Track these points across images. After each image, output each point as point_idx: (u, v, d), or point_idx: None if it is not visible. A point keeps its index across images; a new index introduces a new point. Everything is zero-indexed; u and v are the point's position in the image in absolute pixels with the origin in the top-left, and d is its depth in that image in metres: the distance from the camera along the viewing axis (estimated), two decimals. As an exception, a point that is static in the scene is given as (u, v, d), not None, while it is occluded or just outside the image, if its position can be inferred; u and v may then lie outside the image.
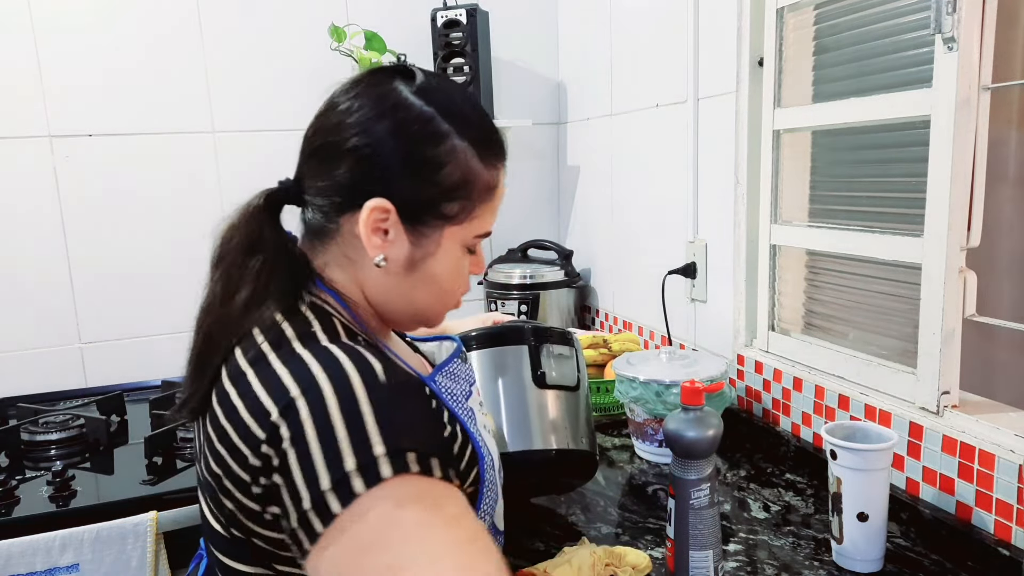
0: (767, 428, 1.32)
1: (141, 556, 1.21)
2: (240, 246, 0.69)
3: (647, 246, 1.75)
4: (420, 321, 0.77)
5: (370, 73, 0.72)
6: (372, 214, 0.67)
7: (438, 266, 0.72)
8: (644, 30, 1.66)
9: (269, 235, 0.70)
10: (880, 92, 1.09)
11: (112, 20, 1.74)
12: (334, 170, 0.68)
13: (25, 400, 1.68)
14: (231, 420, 0.61)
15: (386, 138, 0.67)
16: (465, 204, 0.71)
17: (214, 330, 0.67)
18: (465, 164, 0.70)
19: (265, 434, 0.58)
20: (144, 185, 1.80)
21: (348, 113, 0.68)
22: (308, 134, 0.72)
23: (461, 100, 0.73)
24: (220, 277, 0.69)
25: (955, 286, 0.99)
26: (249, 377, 0.62)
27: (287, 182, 0.73)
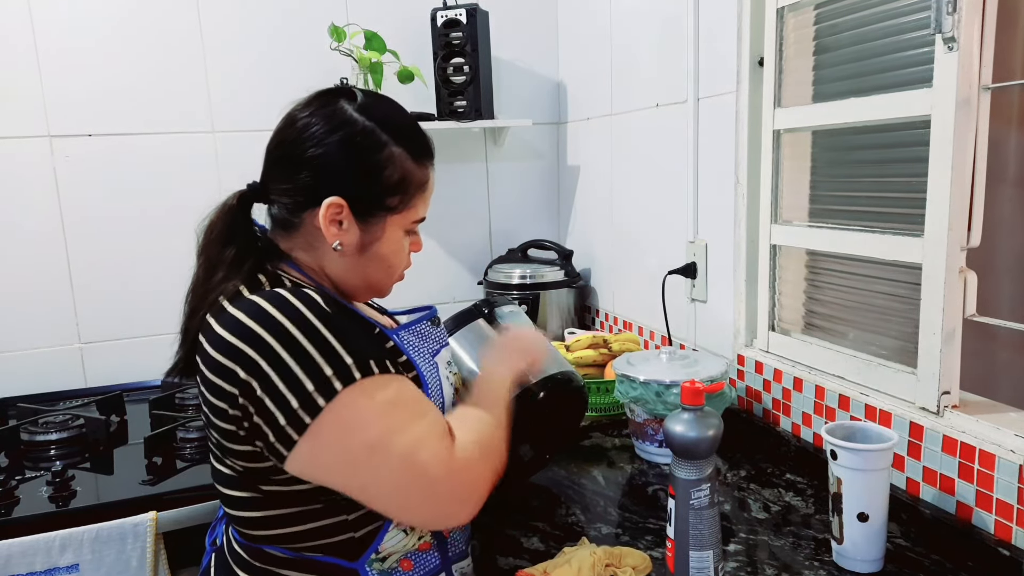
0: (767, 428, 1.32)
1: (141, 556, 1.21)
2: (218, 238, 0.85)
3: (647, 246, 1.75)
4: (372, 292, 0.93)
5: (320, 95, 0.87)
6: (329, 209, 0.83)
7: (384, 248, 0.88)
8: (644, 30, 1.66)
9: (241, 229, 0.86)
10: (880, 92, 1.09)
11: (112, 20, 1.74)
12: (295, 175, 0.84)
13: (25, 400, 1.68)
14: (206, 363, 0.77)
15: (337, 148, 0.83)
16: (403, 197, 0.87)
17: (197, 304, 0.83)
18: (401, 166, 0.86)
19: (239, 365, 0.74)
20: (143, 185, 1.80)
21: (305, 128, 0.84)
22: (271, 146, 0.87)
23: (395, 114, 0.89)
24: (202, 263, 0.85)
25: (955, 286, 0.99)
26: (214, 325, 0.77)
27: (255, 184, 0.88)
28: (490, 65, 1.94)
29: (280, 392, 0.73)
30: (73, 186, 1.76)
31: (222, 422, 0.76)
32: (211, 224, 0.86)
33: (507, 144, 2.13)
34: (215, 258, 0.84)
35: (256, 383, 0.73)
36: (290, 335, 0.74)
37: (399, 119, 0.88)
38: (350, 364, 0.75)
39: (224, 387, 0.74)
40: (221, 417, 0.76)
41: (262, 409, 0.73)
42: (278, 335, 0.74)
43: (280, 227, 0.88)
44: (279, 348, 0.73)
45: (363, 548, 0.82)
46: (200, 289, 0.84)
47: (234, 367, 0.74)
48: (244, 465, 0.78)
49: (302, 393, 0.73)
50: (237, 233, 0.85)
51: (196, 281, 0.85)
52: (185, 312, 0.85)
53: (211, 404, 0.76)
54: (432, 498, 0.76)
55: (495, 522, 1.07)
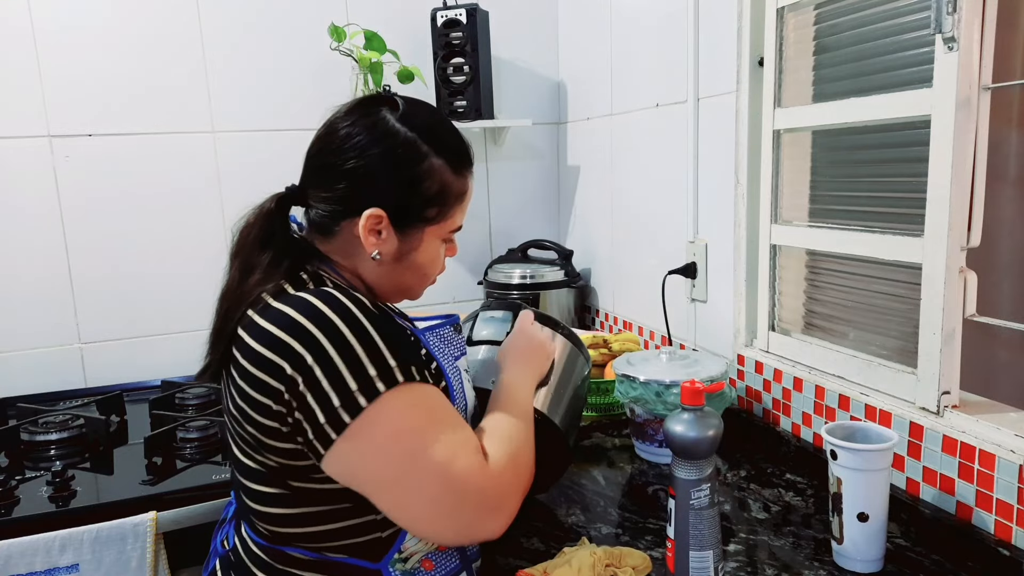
0: (767, 428, 1.32)
1: (141, 556, 1.21)
2: (255, 241, 0.85)
3: (647, 246, 1.75)
4: (404, 296, 0.94)
5: (362, 103, 0.88)
6: (369, 220, 0.84)
7: (421, 257, 0.90)
8: (644, 30, 1.66)
9: (279, 232, 0.86)
10: (880, 92, 1.09)
11: (112, 20, 1.74)
12: (336, 185, 0.85)
13: (25, 400, 1.68)
14: (248, 357, 0.76)
15: (378, 160, 0.84)
16: (442, 209, 0.88)
17: (232, 306, 0.82)
18: (441, 178, 0.87)
19: (285, 359, 0.73)
20: (144, 185, 1.80)
21: (348, 138, 0.84)
22: (312, 152, 0.88)
23: (437, 124, 0.89)
24: (239, 266, 0.85)
25: (955, 286, 0.99)
26: (258, 320, 0.77)
27: (294, 188, 0.89)
28: (490, 65, 1.95)
29: (323, 389, 0.73)
30: (73, 186, 1.76)
31: (264, 418, 0.75)
32: (247, 226, 0.86)
33: (507, 144, 2.13)
34: (251, 261, 0.84)
35: (300, 378, 0.73)
36: (339, 331, 0.74)
37: (441, 129, 0.89)
38: (394, 367, 0.75)
39: (269, 382, 0.74)
40: (263, 412, 0.75)
41: (304, 405, 0.73)
42: (326, 331, 0.74)
43: (318, 231, 0.89)
44: (327, 344, 0.73)
45: (387, 548, 0.82)
46: (235, 291, 0.83)
47: (280, 362, 0.74)
48: (281, 462, 0.77)
49: (345, 392, 0.73)
50: (274, 236, 0.86)
51: (231, 284, 0.85)
52: (219, 314, 0.84)
53: (251, 399, 0.76)
54: (463, 510, 0.75)
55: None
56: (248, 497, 0.83)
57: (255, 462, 0.80)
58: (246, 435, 0.79)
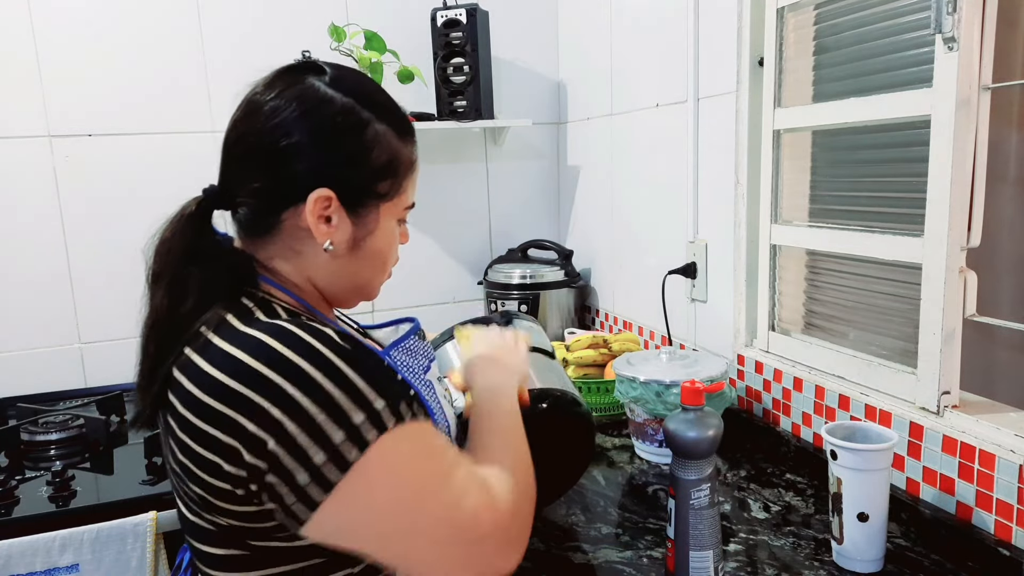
0: (767, 428, 1.32)
1: (141, 556, 1.21)
2: (179, 258, 0.71)
3: (647, 246, 1.75)
4: (362, 296, 0.83)
5: (283, 72, 0.76)
6: (316, 205, 0.72)
7: (378, 242, 0.78)
8: (644, 30, 1.66)
9: (206, 241, 0.74)
10: (880, 92, 1.09)
11: (112, 20, 1.74)
12: (269, 170, 0.72)
13: (25, 400, 1.68)
14: (190, 407, 0.64)
15: (316, 133, 0.72)
16: (394, 181, 0.77)
17: (165, 342, 0.69)
18: (388, 145, 0.76)
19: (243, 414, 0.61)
20: (144, 185, 1.80)
21: (275, 113, 0.72)
22: (231, 140, 0.76)
23: (371, 87, 0.78)
24: (164, 291, 0.71)
25: (955, 286, 0.99)
26: (199, 363, 0.65)
27: (213, 188, 0.76)
28: (490, 65, 1.94)
29: (300, 446, 0.61)
30: (73, 186, 1.76)
31: (212, 478, 0.63)
32: (164, 240, 0.73)
33: (507, 144, 2.13)
34: (180, 281, 0.70)
35: (268, 436, 0.61)
36: (308, 377, 0.62)
37: (377, 93, 0.78)
38: (380, 409, 0.63)
39: (221, 439, 0.62)
40: (211, 472, 0.63)
41: (276, 466, 0.61)
42: (293, 377, 0.61)
43: (252, 233, 0.76)
44: (296, 393, 0.61)
45: None
46: (166, 322, 0.70)
47: (236, 416, 0.61)
48: (236, 524, 0.65)
49: (328, 446, 0.61)
50: (201, 248, 0.72)
51: (159, 313, 0.71)
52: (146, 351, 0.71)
53: (197, 456, 0.64)
54: (479, 550, 0.67)
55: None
56: (199, 559, 0.71)
57: (204, 521, 0.67)
58: (191, 493, 0.67)
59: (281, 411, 0.61)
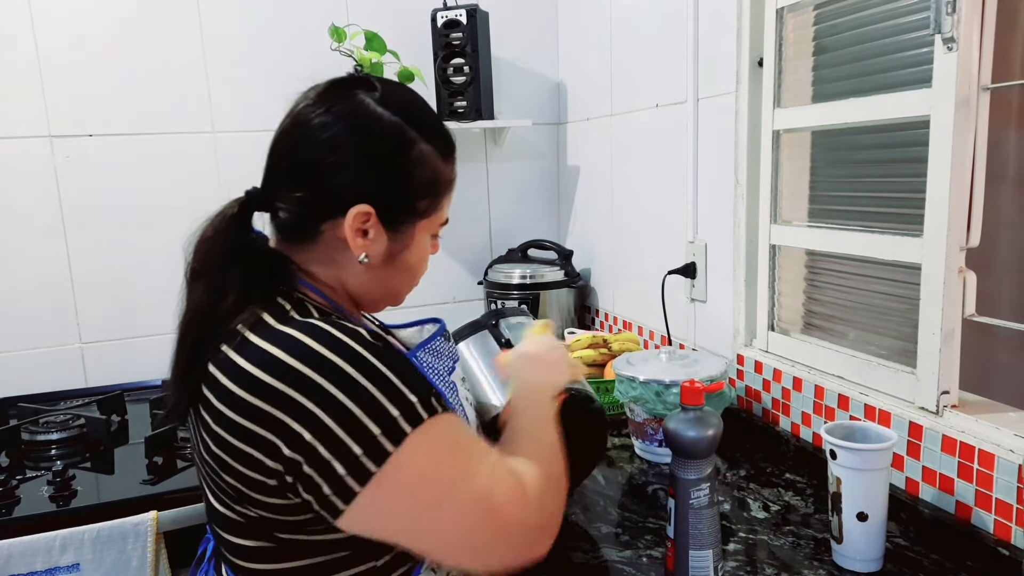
0: (767, 428, 1.32)
1: (141, 556, 1.21)
2: (220, 256, 0.74)
3: (647, 246, 1.75)
4: (390, 303, 0.86)
5: (333, 86, 0.78)
6: (356, 219, 0.74)
7: (412, 256, 0.81)
8: (644, 30, 1.67)
9: (246, 242, 0.76)
10: (879, 92, 1.09)
11: (113, 20, 1.74)
12: (313, 183, 0.74)
13: (25, 400, 1.68)
14: (228, 403, 0.66)
15: (363, 151, 0.74)
16: (433, 200, 0.79)
17: (203, 337, 0.71)
18: (431, 165, 0.78)
19: (282, 410, 0.63)
20: (144, 185, 1.81)
21: (324, 128, 0.74)
22: (279, 148, 0.77)
23: (419, 105, 0.80)
24: (205, 288, 0.73)
25: (955, 286, 0.99)
26: (236, 359, 0.67)
27: (256, 191, 0.78)
28: (490, 65, 1.95)
29: (338, 439, 0.63)
30: (74, 186, 1.76)
31: (248, 469, 0.66)
32: (205, 239, 0.75)
33: (507, 144, 2.13)
34: (220, 279, 0.72)
35: (306, 431, 0.63)
36: (344, 373, 0.64)
37: (424, 111, 0.79)
38: (415, 403, 0.66)
39: (260, 434, 0.64)
40: (249, 465, 0.65)
41: (314, 458, 0.63)
42: (330, 374, 0.64)
43: (291, 238, 0.78)
44: (333, 389, 0.63)
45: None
46: (206, 317, 0.72)
47: (275, 412, 0.63)
48: (267, 515, 0.68)
49: (366, 439, 0.63)
50: (241, 249, 0.75)
51: (198, 308, 0.73)
52: (184, 346, 0.73)
53: (233, 449, 0.66)
54: (510, 538, 0.70)
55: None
56: (226, 549, 0.73)
57: (234, 512, 0.70)
58: (223, 484, 0.69)
59: (318, 405, 0.63)
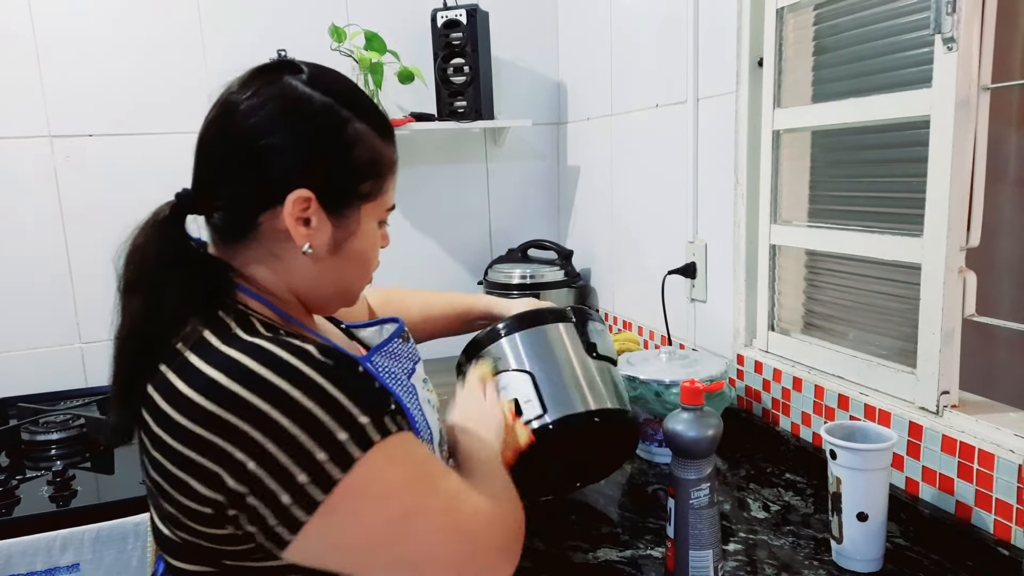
0: (767, 428, 1.32)
1: (141, 556, 1.21)
2: (153, 266, 0.69)
3: (647, 246, 1.75)
4: (343, 301, 0.80)
5: (258, 72, 0.74)
6: (295, 206, 0.69)
7: (360, 244, 0.75)
8: (644, 30, 1.67)
9: (180, 248, 0.71)
10: (879, 92, 1.09)
11: (113, 20, 1.75)
12: (247, 172, 0.70)
13: (25, 400, 1.68)
14: (166, 428, 0.62)
15: (295, 133, 0.70)
16: (376, 182, 0.75)
17: (142, 353, 0.67)
18: (370, 144, 0.74)
19: (225, 439, 0.59)
20: (144, 185, 1.80)
21: (252, 113, 0.70)
22: (206, 140, 0.73)
23: (350, 86, 0.76)
24: (140, 301, 0.68)
25: (955, 286, 0.99)
26: (176, 383, 0.63)
27: (187, 192, 0.74)
28: (490, 65, 1.95)
29: (282, 467, 0.59)
30: (74, 186, 1.76)
31: (187, 499, 0.62)
32: (137, 247, 0.70)
33: (507, 144, 2.13)
34: (155, 290, 0.68)
35: (250, 459, 0.59)
36: (289, 398, 0.60)
37: (356, 92, 0.76)
38: (365, 424, 0.62)
39: (200, 462, 0.60)
40: (184, 492, 0.62)
41: (258, 489, 0.59)
42: (273, 399, 0.60)
43: (228, 237, 0.73)
44: (277, 415, 0.59)
45: None
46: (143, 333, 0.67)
47: (218, 441, 0.59)
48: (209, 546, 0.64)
49: (311, 466, 0.59)
50: (175, 255, 0.70)
51: (134, 323, 0.68)
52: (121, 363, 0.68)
53: (170, 475, 0.62)
54: (479, 555, 0.67)
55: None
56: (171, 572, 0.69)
57: (177, 537, 0.66)
58: (164, 509, 0.65)
59: (262, 433, 0.59)
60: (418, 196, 2.08)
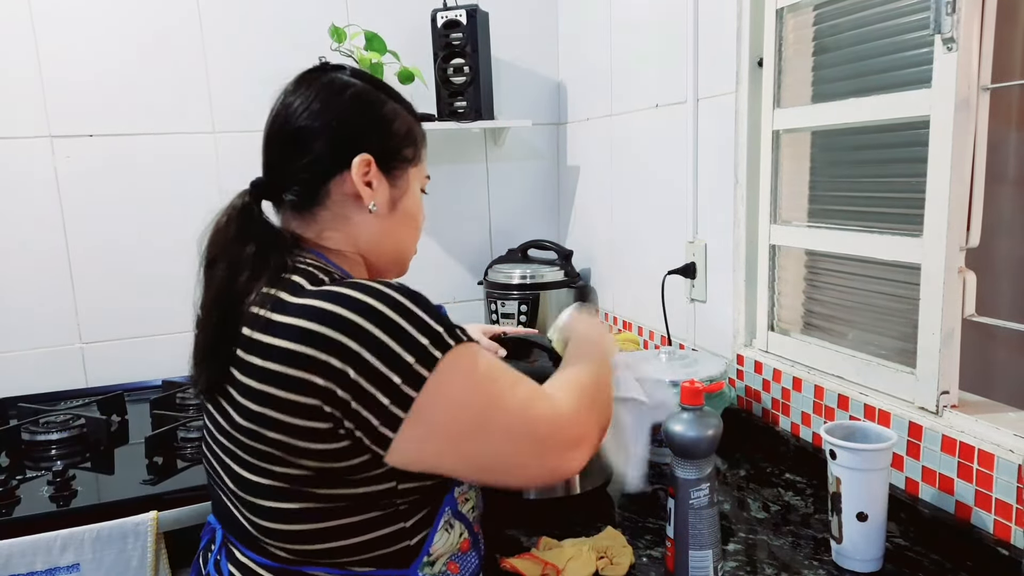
0: (767, 428, 1.32)
1: (141, 556, 1.21)
2: (235, 240, 0.80)
3: (647, 246, 1.75)
4: (399, 264, 0.94)
5: (306, 74, 0.88)
6: (359, 167, 0.84)
7: (410, 204, 0.90)
8: (644, 30, 1.67)
9: (258, 224, 0.83)
10: (879, 92, 1.09)
11: (113, 20, 1.75)
12: (312, 147, 0.83)
13: (25, 400, 1.68)
14: (273, 357, 0.71)
15: (348, 109, 0.85)
16: (415, 149, 0.90)
17: (227, 311, 0.77)
18: (404, 119, 0.89)
19: (329, 353, 0.69)
20: (144, 185, 1.81)
21: (308, 103, 0.84)
22: (273, 131, 0.86)
23: (379, 79, 0.92)
24: (224, 268, 0.79)
25: (954, 286, 0.99)
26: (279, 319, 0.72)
27: (260, 180, 0.86)
28: (490, 66, 1.95)
29: (379, 372, 0.69)
30: (74, 186, 1.76)
31: (298, 418, 0.70)
32: (219, 228, 0.82)
33: (507, 144, 2.13)
34: (236, 261, 0.79)
35: (351, 368, 0.69)
36: (379, 312, 0.71)
37: (385, 84, 0.92)
38: (442, 331, 0.73)
39: (313, 380, 0.69)
40: (297, 412, 0.70)
41: (360, 394, 0.69)
42: (365, 314, 0.70)
43: (302, 209, 0.85)
44: (370, 327, 0.69)
45: (415, 555, 0.79)
46: (227, 294, 0.77)
47: (322, 356, 0.69)
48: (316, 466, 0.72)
49: (403, 368, 0.69)
50: (253, 229, 0.82)
51: (219, 287, 0.79)
52: (210, 323, 0.78)
53: (279, 400, 0.70)
54: (546, 450, 0.76)
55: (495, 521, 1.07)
56: (260, 517, 0.76)
57: (273, 477, 0.73)
58: (265, 448, 0.72)
59: (358, 343, 0.69)
60: (418, 196, 2.08)
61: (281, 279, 0.77)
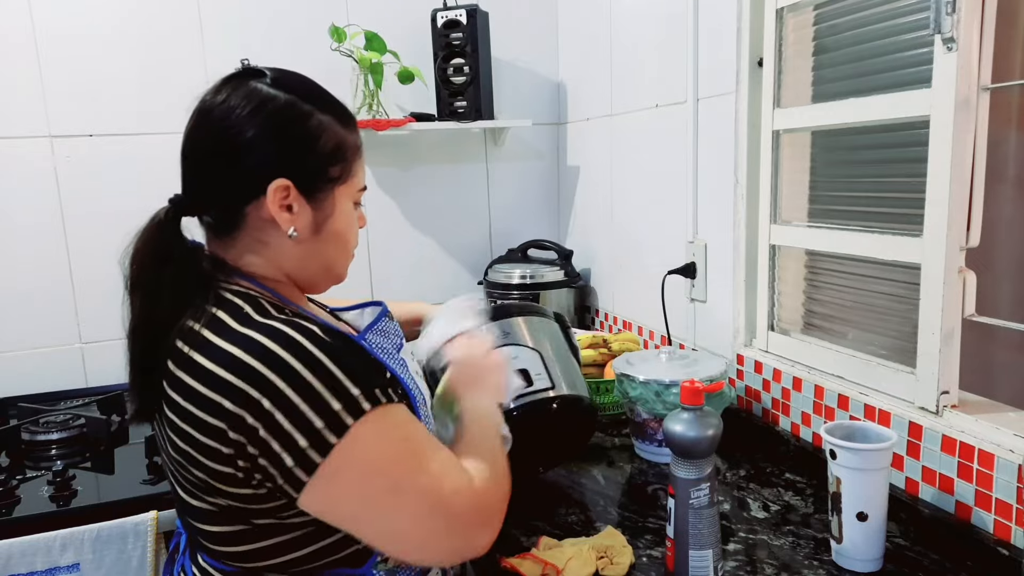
0: (767, 428, 1.32)
1: (141, 556, 1.21)
2: (152, 263, 0.78)
3: (647, 246, 1.75)
4: (331, 278, 0.88)
5: (227, 80, 0.83)
6: (276, 195, 0.78)
7: (338, 224, 0.84)
8: (644, 30, 1.67)
9: (177, 245, 0.80)
10: (879, 92, 1.09)
11: (113, 21, 1.75)
12: (229, 169, 0.79)
13: (26, 400, 1.68)
14: (192, 400, 0.70)
15: (266, 128, 0.78)
16: (344, 165, 0.83)
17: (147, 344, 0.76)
18: (333, 132, 0.82)
19: (237, 405, 0.68)
20: (144, 185, 1.80)
21: (226, 116, 0.79)
22: (188, 147, 0.83)
23: (309, 84, 0.84)
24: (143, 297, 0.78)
25: (954, 286, 0.99)
26: (200, 360, 0.71)
27: (178, 196, 0.82)
28: (490, 65, 1.95)
29: (286, 431, 0.67)
30: (74, 186, 1.76)
31: (214, 463, 0.70)
32: (137, 251, 0.79)
33: (507, 144, 2.13)
34: (155, 286, 0.77)
35: (261, 425, 0.67)
36: (293, 370, 0.68)
37: (314, 88, 0.84)
38: (358, 396, 0.69)
39: (225, 430, 0.68)
40: (214, 458, 0.70)
41: (267, 451, 0.68)
42: (281, 371, 0.68)
43: (221, 233, 0.81)
44: (282, 385, 0.67)
45: (369, 554, 0.79)
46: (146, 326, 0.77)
47: (236, 409, 0.68)
48: (238, 505, 0.72)
49: (311, 431, 0.67)
50: (172, 250, 0.79)
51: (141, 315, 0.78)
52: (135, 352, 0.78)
53: (200, 444, 0.70)
54: (456, 530, 0.73)
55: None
56: (204, 539, 0.77)
57: (207, 504, 0.74)
58: (192, 479, 0.73)
59: (270, 401, 0.67)
60: (418, 196, 2.08)
61: (204, 311, 0.74)
